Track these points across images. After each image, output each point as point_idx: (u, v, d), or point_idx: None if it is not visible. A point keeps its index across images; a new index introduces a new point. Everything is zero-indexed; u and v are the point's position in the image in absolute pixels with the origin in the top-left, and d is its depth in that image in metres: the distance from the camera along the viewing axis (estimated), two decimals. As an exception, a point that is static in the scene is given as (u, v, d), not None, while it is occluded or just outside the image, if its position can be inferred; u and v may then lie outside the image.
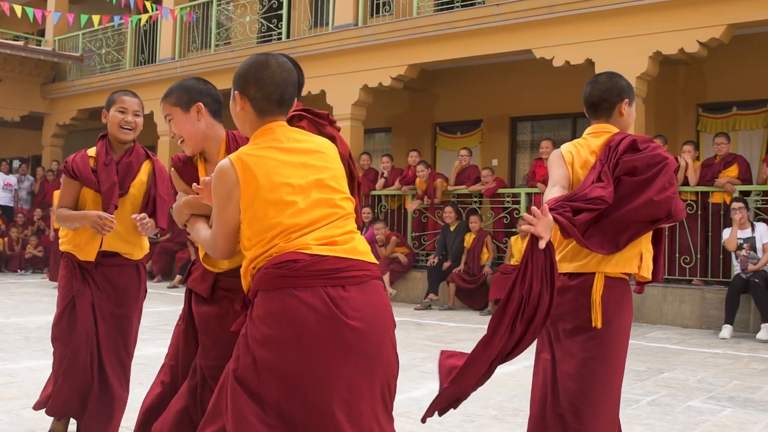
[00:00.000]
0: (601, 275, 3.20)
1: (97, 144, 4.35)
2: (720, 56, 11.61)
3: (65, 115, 19.40)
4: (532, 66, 12.80)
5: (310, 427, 2.44)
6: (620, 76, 3.51)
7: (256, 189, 2.54)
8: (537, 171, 12.16)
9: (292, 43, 14.48)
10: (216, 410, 2.58)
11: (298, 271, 2.46)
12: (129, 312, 4.36)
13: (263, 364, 2.45)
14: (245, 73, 2.72)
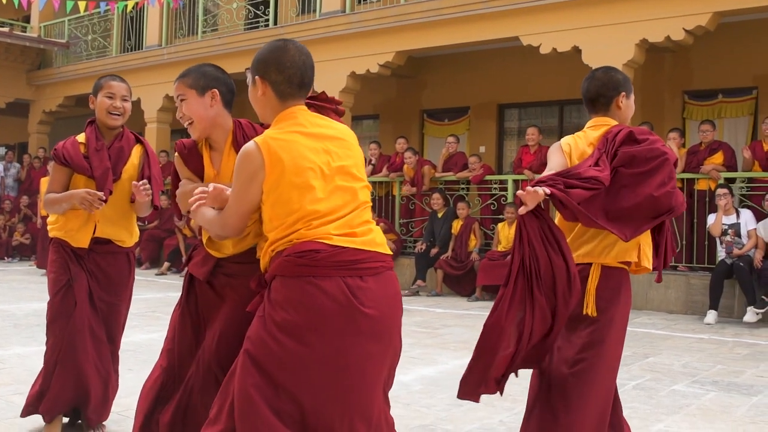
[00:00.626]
0: (597, 266, 3.27)
1: (86, 130, 4.30)
2: (706, 44, 11.67)
3: (51, 102, 19.31)
4: (520, 53, 12.83)
5: (320, 412, 2.52)
6: (616, 70, 3.57)
7: (282, 172, 2.58)
8: (523, 158, 12.21)
9: (279, 29, 14.45)
10: (224, 396, 2.63)
11: (319, 262, 2.52)
12: (119, 300, 4.35)
13: (280, 348, 2.51)
14: (265, 58, 2.76)
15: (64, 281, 4.19)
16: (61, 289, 4.19)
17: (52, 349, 4.19)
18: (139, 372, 5.88)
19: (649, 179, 3.18)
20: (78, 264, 4.22)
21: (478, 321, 9.09)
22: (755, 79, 12.07)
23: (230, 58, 15.25)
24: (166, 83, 16.34)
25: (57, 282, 4.22)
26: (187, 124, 3.18)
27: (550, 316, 3.06)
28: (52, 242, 4.33)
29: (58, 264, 4.24)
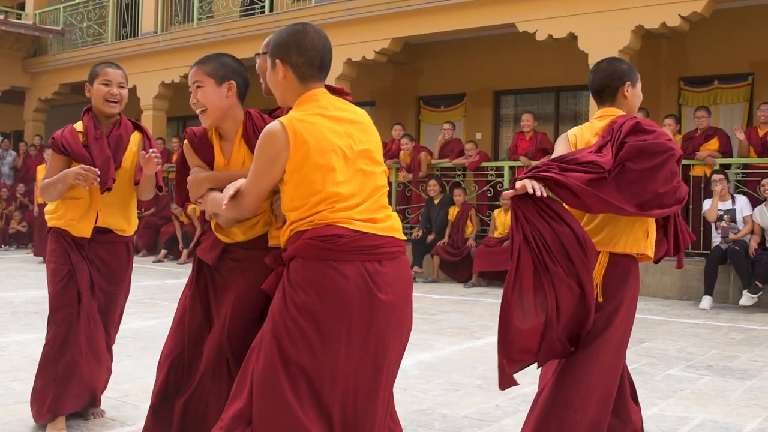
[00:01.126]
0: (605, 254, 3.31)
1: (83, 118, 4.23)
2: (702, 30, 11.68)
3: (47, 89, 19.28)
4: (516, 40, 12.83)
5: (335, 393, 2.58)
6: (621, 60, 3.60)
7: (307, 153, 2.61)
8: (519, 144, 12.22)
9: (275, 16, 14.43)
10: (242, 380, 2.67)
11: (341, 246, 2.57)
12: (117, 290, 4.32)
13: (300, 329, 2.56)
14: (285, 41, 2.78)
15: (65, 271, 4.13)
16: (61, 280, 4.12)
17: (53, 340, 4.12)
18: (137, 358, 5.91)
19: (655, 175, 3.21)
20: (79, 253, 4.16)
21: (475, 307, 9.14)
22: (751, 66, 12.09)
23: (226, 45, 15.21)
24: (161, 70, 16.33)
25: (57, 272, 4.15)
26: (199, 111, 3.19)
27: (576, 284, 3.07)
28: (51, 232, 4.26)
29: (58, 254, 4.17)
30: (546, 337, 3.09)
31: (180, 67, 16.04)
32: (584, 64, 11.07)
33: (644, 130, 3.30)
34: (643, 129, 3.30)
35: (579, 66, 11.40)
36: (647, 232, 3.37)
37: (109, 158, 4.10)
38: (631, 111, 3.57)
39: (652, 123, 3.38)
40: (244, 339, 3.09)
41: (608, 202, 3.12)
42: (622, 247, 3.32)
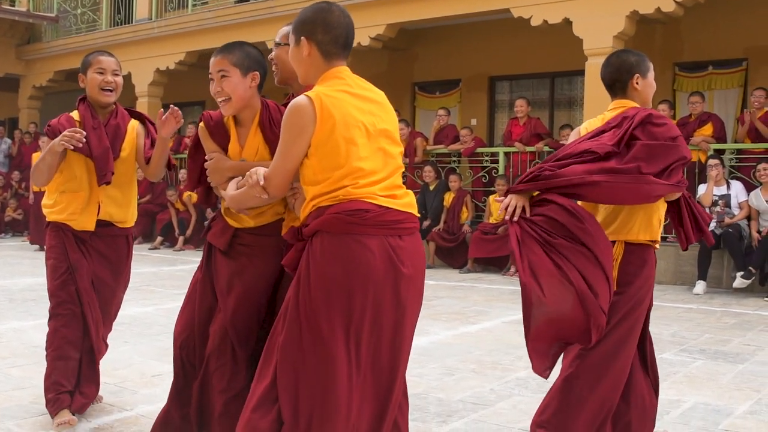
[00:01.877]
0: (621, 243, 3.38)
1: (79, 108, 4.15)
2: (696, 16, 11.68)
3: (42, 76, 19.21)
4: (511, 25, 12.82)
5: (360, 363, 2.66)
6: (630, 53, 3.62)
7: (333, 127, 2.65)
8: (513, 130, 12.24)
9: (270, 2, 14.39)
10: (267, 360, 2.71)
11: (367, 220, 2.63)
12: (116, 283, 4.28)
13: (327, 303, 2.61)
14: (311, 19, 2.82)
15: (64, 268, 4.06)
16: (60, 276, 4.06)
17: (52, 336, 4.07)
18: (134, 345, 5.95)
19: (665, 175, 3.28)
20: (79, 248, 4.09)
21: (470, 293, 9.19)
22: (745, 51, 12.10)
23: (220, 32, 15.19)
24: (156, 57, 16.28)
25: (56, 269, 4.08)
26: (221, 100, 3.22)
27: (586, 248, 3.11)
28: (50, 226, 4.17)
29: (58, 250, 4.10)
30: (589, 310, 3.08)
31: (175, 54, 16.02)
32: (579, 50, 11.08)
33: (655, 123, 3.35)
34: (654, 122, 3.35)
35: (574, 52, 11.41)
36: (660, 219, 3.45)
37: (108, 150, 4.02)
38: (645, 101, 3.61)
39: (664, 116, 3.43)
40: (249, 323, 3.20)
41: (618, 172, 3.18)
42: (635, 234, 3.38)
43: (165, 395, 4.46)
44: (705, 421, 4.27)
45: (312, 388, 2.60)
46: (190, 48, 15.84)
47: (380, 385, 2.72)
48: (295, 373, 2.62)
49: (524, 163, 11.79)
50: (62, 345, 4.04)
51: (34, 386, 4.65)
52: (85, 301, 4.07)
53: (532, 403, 4.49)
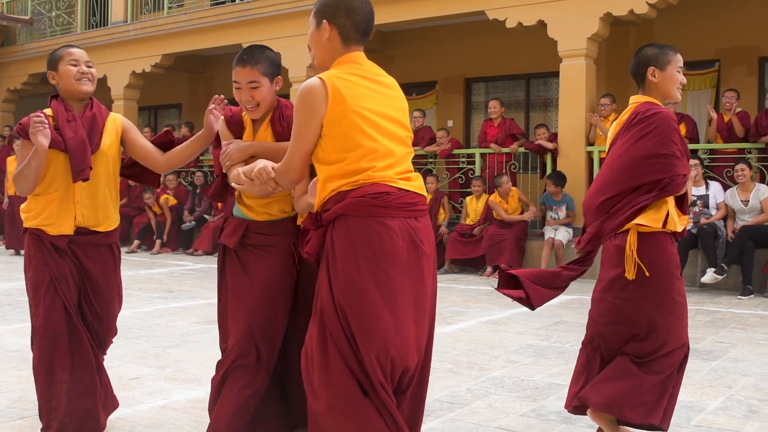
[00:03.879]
0: (633, 231, 3.52)
1: (52, 104, 3.80)
2: (669, 18, 11.82)
3: (16, 80, 19.09)
4: (486, 27, 12.90)
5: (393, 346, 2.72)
6: (652, 46, 3.70)
7: (345, 108, 2.72)
8: (488, 131, 12.29)
9: (246, 5, 14.39)
10: (321, 336, 2.75)
11: (389, 203, 2.72)
12: (109, 297, 3.88)
13: (360, 286, 2.68)
14: (334, 3, 2.88)
15: (46, 280, 3.66)
16: (41, 289, 3.66)
17: (39, 360, 3.66)
18: (112, 348, 5.90)
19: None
20: (59, 258, 3.69)
21: (447, 294, 9.23)
22: (717, 52, 12.25)
23: (196, 34, 15.20)
24: (132, 60, 16.23)
25: (38, 283, 3.69)
26: (250, 107, 3.35)
27: None
28: (27, 234, 3.77)
29: (37, 260, 3.70)
30: None
31: (151, 56, 15.97)
32: (554, 52, 11.18)
33: (639, 120, 3.54)
34: (638, 120, 3.54)
35: (549, 53, 11.50)
36: (668, 209, 3.57)
37: (84, 142, 3.66)
38: (666, 95, 3.68)
39: (649, 113, 3.53)
40: (271, 323, 3.32)
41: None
42: (640, 220, 3.52)
43: (143, 398, 4.49)
44: (677, 417, 4.32)
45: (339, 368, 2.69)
46: (165, 50, 15.80)
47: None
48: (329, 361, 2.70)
49: (500, 164, 11.86)
50: (48, 369, 3.67)
51: (10, 390, 4.64)
52: (71, 316, 3.67)
53: (508, 402, 4.54)
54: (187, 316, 7.42)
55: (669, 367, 3.54)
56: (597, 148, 10.91)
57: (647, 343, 3.51)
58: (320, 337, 2.73)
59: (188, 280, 10.33)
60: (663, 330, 3.49)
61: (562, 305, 8.26)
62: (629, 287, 3.52)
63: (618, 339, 3.59)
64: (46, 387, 3.62)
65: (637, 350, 3.53)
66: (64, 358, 3.62)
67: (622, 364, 3.54)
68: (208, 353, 5.78)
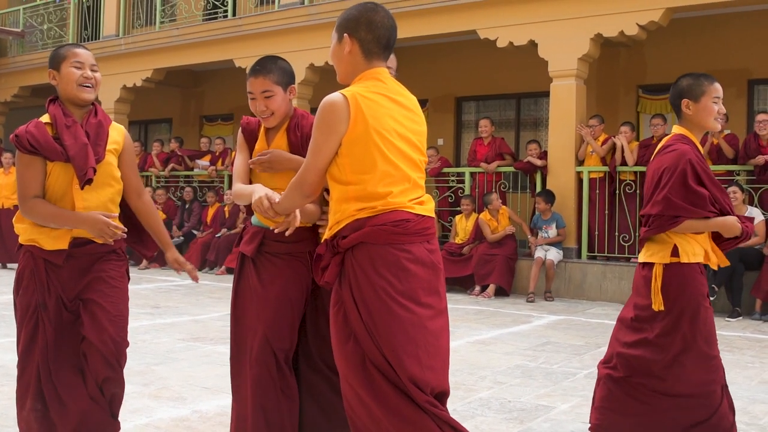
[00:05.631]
0: (660, 265, 3.59)
1: (49, 108, 3.50)
2: (659, 39, 11.88)
3: (6, 92, 19.04)
4: (477, 47, 12.93)
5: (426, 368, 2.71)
6: (688, 76, 3.74)
7: (365, 129, 2.69)
8: (477, 150, 12.29)
9: (238, 21, 14.42)
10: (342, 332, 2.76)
11: (409, 229, 2.71)
12: (117, 311, 3.52)
13: (384, 311, 2.66)
14: (356, 17, 2.87)
15: (31, 307, 3.42)
16: (25, 315, 3.44)
17: (17, 383, 3.47)
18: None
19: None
20: (50, 282, 3.42)
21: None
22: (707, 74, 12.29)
23: (188, 49, 15.20)
24: (123, 74, 16.21)
25: (23, 307, 3.45)
26: (263, 117, 3.40)
27: None
28: (22, 251, 3.51)
29: (25, 283, 3.46)
30: None
31: (142, 71, 15.96)
32: (544, 71, 11.21)
33: (658, 152, 3.68)
34: (657, 151, 3.68)
35: (539, 73, 11.54)
36: (673, 243, 3.61)
37: (86, 146, 3.39)
38: (703, 125, 3.70)
39: (665, 145, 3.65)
40: (287, 332, 3.33)
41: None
42: (660, 257, 3.60)
43: (126, 416, 4.45)
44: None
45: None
46: (157, 65, 15.79)
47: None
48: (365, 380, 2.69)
49: (490, 183, 11.87)
50: (34, 401, 3.44)
51: (-8, 407, 4.59)
52: (53, 347, 3.39)
53: (495, 424, 4.51)
54: (173, 332, 7.37)
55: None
56: (587, 168, 10.93)
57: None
58: (360, 367, 2.70)
59: (175, 296, 10.27)
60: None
61: (550, 326, 8.25)
62: (657, 317, 3.57)
63: (640, 364, 3.61)
64: (20, 410, 3.47)
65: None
66: (37, 389, 3.39)
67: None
68: (193, 371, 5.74)
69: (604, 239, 10.78)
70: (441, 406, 2.70)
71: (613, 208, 10.77)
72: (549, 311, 9.35)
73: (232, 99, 17.32)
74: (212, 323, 8.01)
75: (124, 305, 3.55)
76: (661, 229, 3.57)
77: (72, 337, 3.44)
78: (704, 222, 3.54)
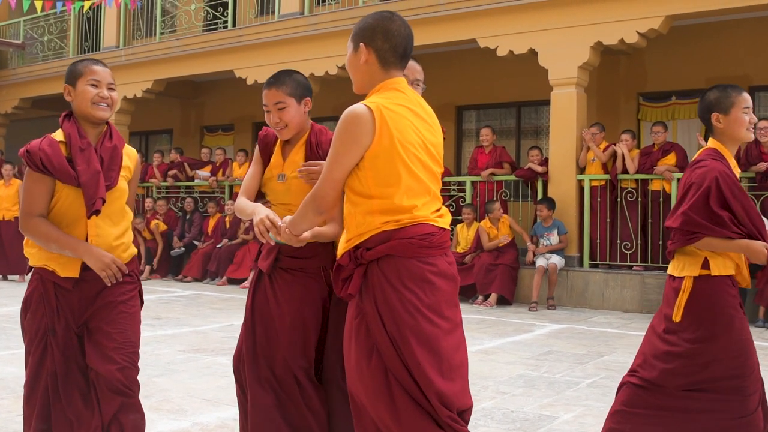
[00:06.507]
0: (690, 278, 3.56)
1: (64, 125, 3.39)
2: (659, 47, 11.87)
3: (7, 104, 19.04)
4: (477, 55, 12.93)
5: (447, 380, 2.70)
6: (715, 89, 3.67)
7: (391, 141, 2.65)
8: (479, 158, 12.28)
9: (238, 31, 14.43)
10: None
11: (434, 243, 2.71)
12: (129, 339, 3.37)
13: (412, 324, 2.64)
14: (372, 26, 2.82)
15: (39, 332, 3.32)
16: (34, 340, 3.35)
17: (24, 403, 3.39)
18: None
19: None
20: (59, 306, 3.32)
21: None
22: (707, 81, 12.28)
23: (189, 60, 15.22)
24: (124, 85, 16.19)
25: (32, 332, 3.36)
26: (279, 129, 3.40)
27: None
28: (33, 273, 3.41)
29: (34, 307, 3.36)
30: None
31: (142, 82, 15.97)
32: (545, 80, 11.21)
33: (689, 166, 3.64)
34: (688, 166, 3.64)
35: (540, 81, 11.54)
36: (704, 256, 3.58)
37: (98, 174, 3.29)
38: (736, 138, 3.65)
39: (696, 160, 3.61)
40: (301, 348, 3.32)
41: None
42: (689, 271, 3.57)
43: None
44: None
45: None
46: (157, 76, 15.80)
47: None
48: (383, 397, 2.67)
49: (491, 192, 11.85)
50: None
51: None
52: (61, 373, 3.31)
53: (497, 434, 4.49)
54: (175, 344, 7.34)
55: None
56: (588, 176, 10.92)
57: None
58: (383, 384, 2.65)
59: (177, 307, 10.25)
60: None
61: (552, 335, 8.22)
62: (688, 329, 3.54)
63: (670, 375, 3.59)
64: (26, 430, 3.40)
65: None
66: (44, 414, 3.32)
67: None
68: (193, 383, 5.71)
69: (605, 247, 10.75)
70: (463, 423, 2.67)
71: (614, 216, 10.75)
72: (551, 320, 9.32)
73: (232, 109, 17.34)
74: (213, 334, 7.99)
75: (134, 331, 3.40)
76: (681, 243, 3.55)
77: (82, 363, 3.34)
78: (725, 242, 3.48)
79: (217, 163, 15.12)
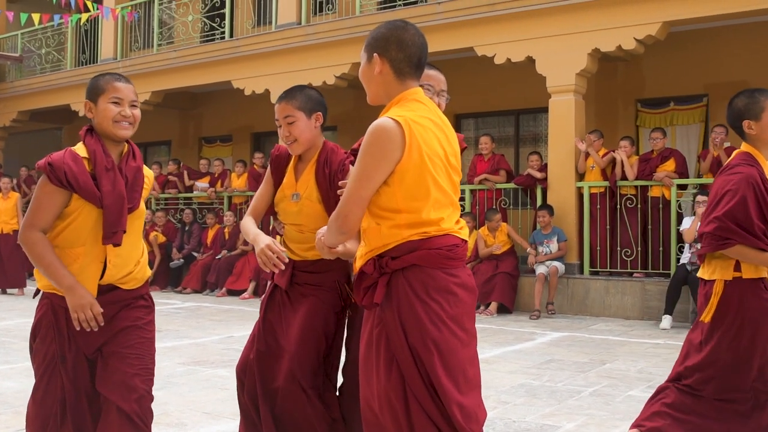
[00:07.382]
0: (720, 281, 3.58)
1: (86, 141, 3.24)
2: (657, 53, 11.87)
3: (5, 117, 19.03)
4: (475, 63, 12.92)
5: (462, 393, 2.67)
6: (742, 95, 3.68)
7: (420, 155, 2.60)
8: (478, 166, 12.25)
9: (235, 42, 14.43)
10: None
11: (458, 254, 2.69)
12: (145, 362, 3.26)
13: (432, 338, 2.60)
14: (385, 36, 2.76)
15: (48, 357, 3.20)
16: (42, 365, 3.22)
17: (29, 426, 3.27)
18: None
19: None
20: (68, 332, 3.19)
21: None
22: (705, 87, 12.29)
23: (186, 71, 15.21)
24: (121, 97, 16.20)
25: (40, 357, 3.23)
26: (289, 143, 3.42)
27: None
28: (42, 296, 3.30)
29: (43, 332, 3.23)
30: None
31: (140, 93, 15.89)
32: (543, 87, 11.20)
33: (722, 171, 3.66)
34: (721, 171, 3.67)
35: (538, 89, 11.53)
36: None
37: (122, 199, 3.17)
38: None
39: (731, 164, 3.61)
40: (312, 361, 3.34)
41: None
42: (720, 273, 3.62)
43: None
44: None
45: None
46: (155, 87, 15.80)
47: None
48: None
49: (490, 199, 11.83)
50: None
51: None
52: (71, 400, 3.20)
53: (500, 445, 4.45)
54: (174, 356, 7.31)
55: None
56: (587, 183, 10.89)
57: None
58: (400, 393, 2.60)
59: (176, 319, 10.21)
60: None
61: (554, 343, 8.19)
62: (718, 329, 3.57)
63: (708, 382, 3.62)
64: None
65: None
66: None
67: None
68: (193, 396, 5.68)
69: (606, 254, 10.72)
70: None
71: (614, 223, 10.72)
72: (552, 328, 9.29)
73: (230, 120, 17.33)
74: (213, 346, 7.95)
75: (150, 357, 3.28)
76: (713, 248, 3.52)
77: (91, 391, 3.23)
78: (757, 252, 3.46)
79: (216, 174, 15.10)
